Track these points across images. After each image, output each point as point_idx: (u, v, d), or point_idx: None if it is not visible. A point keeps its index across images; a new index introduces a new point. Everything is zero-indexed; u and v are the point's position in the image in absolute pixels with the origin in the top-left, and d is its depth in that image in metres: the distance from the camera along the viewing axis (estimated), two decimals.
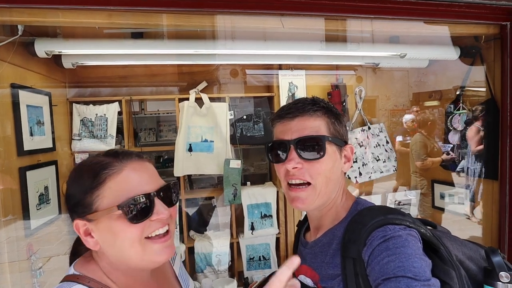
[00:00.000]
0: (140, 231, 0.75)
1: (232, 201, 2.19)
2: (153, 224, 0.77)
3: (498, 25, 1.92)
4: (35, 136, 1.77)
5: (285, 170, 0.91)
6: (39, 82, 1.91)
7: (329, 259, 0.87)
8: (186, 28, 1.84)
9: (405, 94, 2.76)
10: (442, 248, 0.80)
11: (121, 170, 0.76)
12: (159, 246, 0.77)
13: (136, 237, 0.75)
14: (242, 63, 2.39)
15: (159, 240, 0.78)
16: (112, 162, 0.77)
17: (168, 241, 0.79)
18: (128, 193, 0.74)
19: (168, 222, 0.80)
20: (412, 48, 2.17)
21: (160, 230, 0.78)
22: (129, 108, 2.28)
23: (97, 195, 0.75)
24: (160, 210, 0.76)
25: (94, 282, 0.77)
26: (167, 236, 0.79)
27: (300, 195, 0.89)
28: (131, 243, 0.74)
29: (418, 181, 2.76)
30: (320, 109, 0.90)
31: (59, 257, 1.95)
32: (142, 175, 0.79)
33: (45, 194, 1.84)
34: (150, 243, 0.76)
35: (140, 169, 0.79)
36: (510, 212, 1.96)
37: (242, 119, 2.30)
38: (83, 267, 0.81)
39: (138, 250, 0.76)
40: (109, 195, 0.74)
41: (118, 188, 0.75)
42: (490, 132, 2.15)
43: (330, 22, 1.80)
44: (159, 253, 0.77)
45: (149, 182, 0.78)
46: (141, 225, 0.75)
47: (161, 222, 0.77)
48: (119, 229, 0.74)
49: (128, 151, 0.83)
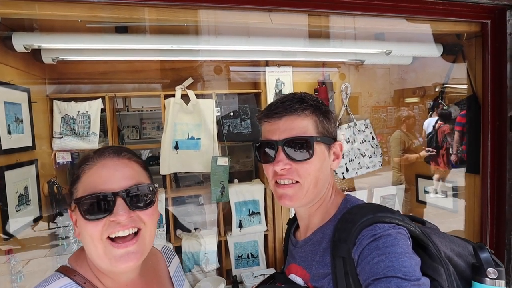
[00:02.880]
0: (98, 230, 0.74)
1: (220, 198, 2.17)
2: (112, 225, 0.74)
3: (480, 23, 1.98)
4: (13, 134, 1.69)
5: (274, 171, 0.90)
6: (17, 78, 1.83)
7: (319, 258, 0.87)
8: (170, 23, 1.81)
9: (386, 91, 2.81)
10: (430, 245, 0.81)
11: (93, 165, 0.77)
12: (120, 252, 0.74)
13: (94, 235, 0.74)
14: (227, 59, 2.37)
15: (121, 244, 0.75)
16: (90, 158, 0.79)
17: (132, 246, 0.75)
18: (91, 189, 0.74)
19: (132, 226, 0.76)
20: (397, 45, 2.20)
21: (120, 233, 0.75)
22: (113, 105, 2.22)
23: (75, 187, 0.78)
24: (119, 212, 0.74)
25: (79, 276, 0.77)
26: (130, 241, 0.75)
27: (288, 192, 0.89)
28: (91, 240, 0.75)
29: (398, 176, 2.83)
30: (308, 108, 0.89)
31: (39, 259, 1.88)
32: (111, 172, 0.76)
33: (25, 194, 1.77)
34: (110, 246, 0.74)
35: (112, 166, 0.77)
36: (491, 206, 2.02)
37: (229, 116, 2.27)
38: (75, 260, 0.82)
39: (98, 249, 0.75)
40: (81, 189, 0.76)
41: (87, 182, 0.76)
42: (471, 127, 2.21)
43: (314, 18, 1.80)
44: (119, 258, 0.75)
45: (117, 180, 0.76)
46: (99, 223, 0.73)
47: (120, 225, 0.74)
48: (81, 223, 0.75)
49: (110, 148, 0.82)
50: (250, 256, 2.30)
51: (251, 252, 2.30)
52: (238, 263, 2.29)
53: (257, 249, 2.30)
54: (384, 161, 2.61)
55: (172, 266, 1.01)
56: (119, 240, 0.75)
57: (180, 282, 0.99)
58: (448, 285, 0.77)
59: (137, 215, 0.77)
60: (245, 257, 2.29)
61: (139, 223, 0.77)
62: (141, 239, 0.78)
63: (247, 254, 2.30)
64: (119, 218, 0.73)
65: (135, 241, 0.76)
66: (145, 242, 0.79)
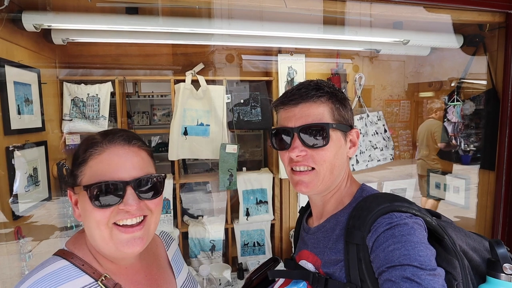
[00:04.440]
0: (106, 216, 0.74)
1: (228, 186, 2.15)
2: (121, 213, 0.74)
3: (504, 13, 1.89)
4: (23, 115, 1.69)
5: (289, 157, 0.89)
6: (27, 59, 1.81)
7: (332, 244, 0.86)
8: (180, 5, 1.77)
9: (400, 84, 2.76)
10: (446, 238, 0.79)
11: (102, 152, 0.75)
12: (126, 237, 0.75)
13: (101, 221, 0.74)
14: (239, 45, 2.32)
15: (127, 229, 0.75)
16: (98, 142, 0.77)
17: (138, 232, 0.76)
18: (100, 177, 0.73)
19: (140, 214, 0.77)
20: (416, 34, 2.12)
21: (127, 221, 0.75)
22: (122, 89, 2.20)
23: (81, 170, 0.76)
24: (129, 201, 0.74)
25: (77, 258, 0.77)
26: (137, 227, 0.76)
27: (304, 179, 0.88)
28: (97, 225, 0.74)
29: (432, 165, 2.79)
30: (324, 95, 0.88)
31: (49, 240, 1.91)
32: (122, 161, 0.76)
33: (34, 175, 1.78)
34: (117, 231, 0.75)
35: (122, 154, 0.77)
36: (505, 203, 1.97)
37: (239, 103, 2.24)
38: (73, 244, 0.82)
39: (104, 234, 0.75)
40: (88, 174, 0.75)
41: (95, 169, 0.75)
42: (489, 122, 2.14)
43: (330, 3, 1.74)
44: (125, 243, 0.75)
45: (127, 170, 0.75)
46: (107, 211, 0.73)
47: (129, 213, 0.75)
48: (87, 208, 0.74)
49: (120, 133, 0.80)
50: (256, 244, 2.30)
51: (257, 240, 2.30)
52: (244, 251, 2.29)
53: (263, 238, 2.30)
54: (395, 155, 2.56)
55: (171, 250, 1.01)
56: (126, 226, 0.76)
57: (179, 265, 1.00)
58: (462, 278, 0.75)
59: (144, 204, 0.77)
60: (251, 245, 2.29)
61: (146, 211, 0.78)
62: (146, 226, 0.78)
63: (253, 243, 2.29)
64: (128, 208, 0.74)
65: (141, 226, 0.77)
66: (150, 229, 0.80)
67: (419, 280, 0.66)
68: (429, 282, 0.66)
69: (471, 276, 0.80)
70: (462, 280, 0.75)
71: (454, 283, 0.74)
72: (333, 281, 0.81)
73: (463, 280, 0.75)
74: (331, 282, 0.81)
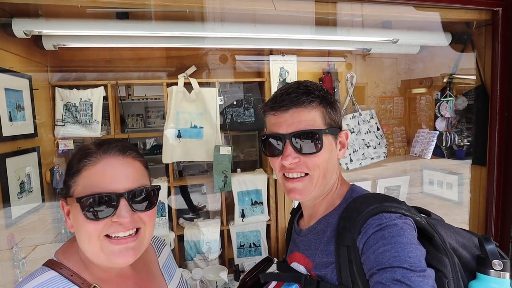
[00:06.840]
0: (98, 229, 0.73)
1: (222, 188, 2.16)
2: (114, 226, 0.73)
3: (490, 10, 1.92)
4: (14, 121, 1.68)
5: (281, 164, 0.88)
6: (18, 65, 1.81)
7: (323, 246, 0.86)
8: (173, 9, 1.77)
9: (393, 81, 2.77)
10: (436, 236, 0.80)
11: (96, 162, 0.74)
12: (118, 248, 0.74)
13: (93, 233, 0.73)
14: (231, 47, 2.33)
15: (120, 241, 0.74)
16: (93, 152, 0.75)
17: (132, 243, 0.75)
18: (93, 188, 0.72)
19: (133, 227, 0.76)
20: (405, 33, 2.14)
21: (120, 234, 0.74)
22: (115, 93, 2.20)
23: (74, 181, 0.75)
24: (122, 213, 0.73)
25: (65, 269, 0.76)
26: (130, 238, 0.75)
27: (297, 186, 0.87)
28: (89, 238, 0.73)
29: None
30: (315, 99, 0.86)
31: (45, 246, 1.90)
32: (116, 172, 0.75)
33: (27, 182, 1.77)
34: (108, 243, 0.74)
35: (116, 165, 0.76)
36: (497, 198, 1.99)
37: (232, 105, 2.25)
38: (63, 253, 0.81)
39: (95, 247, 0.74)
40: (81, 184, 0.74)
41: (89, 179, 0.73)
42: (479, 118, 2.16)
43: (321, 5, 1.76)
44: (117, 254, 0.74)
45: (121, 181, 0.74)
46: (99, 223, 0.72)
47: (122, 226, 0.74)
48: (79, 220, 0.73)
49: (114, 143, 0.79)
50: (252, 245, 2.30)
51: (253, 241, 2.30)
52: (240, 252, 2.29)
53: (259, 239, 2.31)
54: (389, 151, 2.58)
55: (162, 256, 1.00)
56: (118, 238, 0.75)
57: (171, 271, 0.99)
58: (452, 275, 0.76)
59: (138, 216, 0.77)
60: (247, 247, 2.30)
61: (140, 223, 0.77)
62: (140, 237, 0.78)
63: (250, 244, 2.30)
64: (122, 220, 0.73)
65: (135, 238, 0.77)
66: (143, 240, 0.79)
67: (409, 282, 0.66)
68: (419, 284, 0.66)
69: (461, 273, 0.81)
70: (453, 278, 0.76)
71: (445, 281, 0.75)
72: (324, 283, 0.81)
73: (453, 277, 0.76)
74: (322, 284, 0.82)
